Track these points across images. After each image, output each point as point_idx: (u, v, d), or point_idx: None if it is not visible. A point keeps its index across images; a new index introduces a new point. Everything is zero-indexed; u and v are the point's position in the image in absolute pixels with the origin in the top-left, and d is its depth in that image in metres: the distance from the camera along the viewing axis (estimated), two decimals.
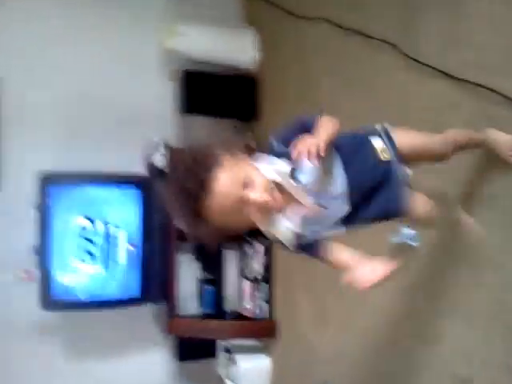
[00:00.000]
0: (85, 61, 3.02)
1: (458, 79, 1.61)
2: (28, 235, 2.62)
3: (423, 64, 1.76)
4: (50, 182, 2.62)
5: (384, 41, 1.95)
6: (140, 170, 2.85)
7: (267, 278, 2.97)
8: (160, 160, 2.77)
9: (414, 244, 1.65)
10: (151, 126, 3.06)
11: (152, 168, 2.81)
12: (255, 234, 1.39)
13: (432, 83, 1.73)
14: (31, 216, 2.61)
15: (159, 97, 3.16)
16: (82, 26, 3.03)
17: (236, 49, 3.13)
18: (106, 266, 2.79)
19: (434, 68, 1.71)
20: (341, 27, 2.24)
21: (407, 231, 1.68)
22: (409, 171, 1.35)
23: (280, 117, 2.97)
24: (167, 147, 2.76)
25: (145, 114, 3.09)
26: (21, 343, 2.85)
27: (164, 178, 2.80)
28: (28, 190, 2.61)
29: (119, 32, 3.12)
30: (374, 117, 2.06)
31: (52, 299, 2.67)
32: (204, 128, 3.26)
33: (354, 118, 2.19)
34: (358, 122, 2.14)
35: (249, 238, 3.03)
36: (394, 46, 1.90)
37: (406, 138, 1.36)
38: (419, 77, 1.80)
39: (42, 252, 2.64)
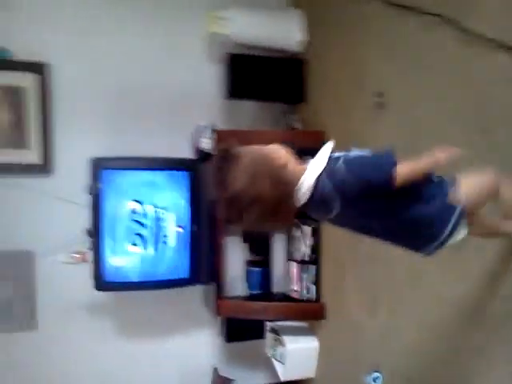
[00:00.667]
0: (133, 48, 3.05)
1: None
2: (81, 218, 2.67)
3: (482, 37, 1.68)
4: (102, 167, 2.66)
5: (439, 15, 1.85)
6: (188, 154, 2.87)
7: (315, 259, 2.95)
8: (207, 143, 2.79)
9: None
10: (199, 110, 3.07)
11: (199, 151, 2.83)
12: (303, 216, 1.33)
13: (494, 57, 1.65)
14: (84, 200, 2.67)
15: (206, 81, 3.16)
16: (128, 14, 3.05)
17: (282, 31, 3.07)
18: (156, 248, 2.82)
19: (494, 41, 1.63)
20: (393, 4, 2.13)
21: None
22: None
23: (327, 99, 2.91)
24: (214, 131, 2.76)
25: (192, 99, 3.10)
26: (75, 321, 2.96)
27: (210, 160, 2.82)
28: (80, 174, 2.65)
29: (166, 19, 3.12)
30: (432, 101, 2.00)
31: (105, 280, 2.73)
32: (251, 112, 3.25)
33: (413, 106, 2.12)
34: (415, 109, 2.10)
35: (297, 220, 3.02)
36: (450, 20, 1.82)
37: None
38: (479, 52, 1.70)
39: (95, 235, 2.69)
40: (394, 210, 1.21)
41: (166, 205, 2.82)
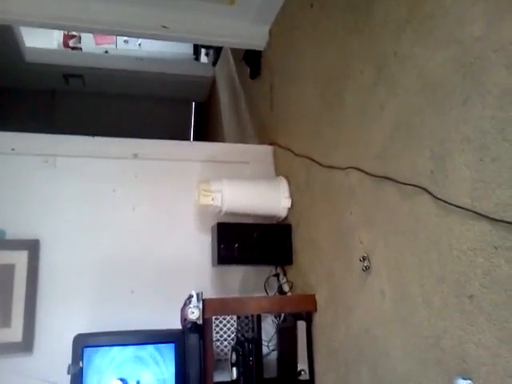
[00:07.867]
0: (121, 220, 3.09)
1: (497, 220, 1.54)
2: None
3: (458, 207, 1.70)
4: (84, 344, 2.49)
5: (415, 185, 1.90)
6: (177, 324, 2.76)
7: None
8: (193, 313, 2.70)
9: None
10: (188, 280, 3.01)
11: (186, 321, 2.73)
12: None
13: (471, 226, 1.66)
14: (64, 379, 2.46)
15: (196, 251, 3.15)
16: (118, 188, 3.15)
17: (271, 199, 3.17)
18: None
19: (471, 210, 1.65)
20: (371, 175, 2.17)
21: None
22: None
23: (312, 259, 2.91)
24: (201, 300, 2.70)
25: (181, 268, 3.06)
26: None
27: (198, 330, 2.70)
28: (63, 351, 2.49)
29: (155, 194, 3.21)
30: (417, 267, 1.97)
31: None
32: (240, 276, 3.22)
33: (397, 268, 2.08)
34: (402, 274, 2.08)
35: None
36: (425, 190, 1.86)
37: None
38: (456, 221, 1.73)
39: None
40: None
41: (152, 381, 2.60)
